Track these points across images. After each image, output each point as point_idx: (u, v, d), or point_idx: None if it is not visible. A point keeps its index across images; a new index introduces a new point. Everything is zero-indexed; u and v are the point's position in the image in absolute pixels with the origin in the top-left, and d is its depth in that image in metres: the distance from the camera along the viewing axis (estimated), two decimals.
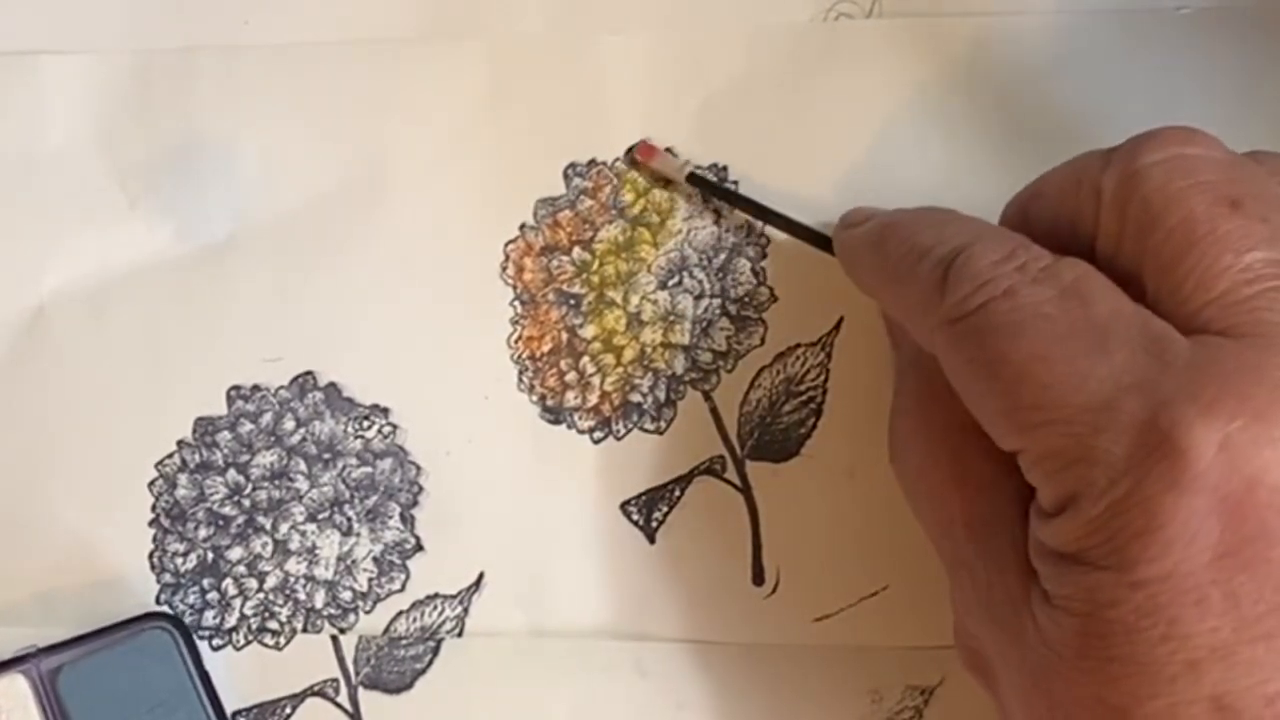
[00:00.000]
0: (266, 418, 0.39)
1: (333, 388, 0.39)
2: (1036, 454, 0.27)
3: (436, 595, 0.38)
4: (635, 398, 0.38)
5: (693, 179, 0.38)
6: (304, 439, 0.38)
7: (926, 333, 0.30)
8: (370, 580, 0.38)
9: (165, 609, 0.38)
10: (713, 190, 0.38)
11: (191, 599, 0.38)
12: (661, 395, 0.38)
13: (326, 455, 0.38)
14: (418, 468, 0.38)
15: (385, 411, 0.38)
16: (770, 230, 0.38)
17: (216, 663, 0.37)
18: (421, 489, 0.38)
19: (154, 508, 0.38)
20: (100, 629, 0.36)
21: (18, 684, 0.35)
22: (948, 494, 0.30)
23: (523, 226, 0.39)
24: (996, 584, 0.29)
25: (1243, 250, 0.26)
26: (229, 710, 0.37)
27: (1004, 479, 0.29)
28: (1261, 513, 0.24)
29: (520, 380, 0.38)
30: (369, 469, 0.38)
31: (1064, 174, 0.31)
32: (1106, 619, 0.25)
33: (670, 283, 0.38)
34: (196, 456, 0.39)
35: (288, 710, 0.38)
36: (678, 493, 0.38)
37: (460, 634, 0.38)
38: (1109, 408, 0.25)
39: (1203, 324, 0.26)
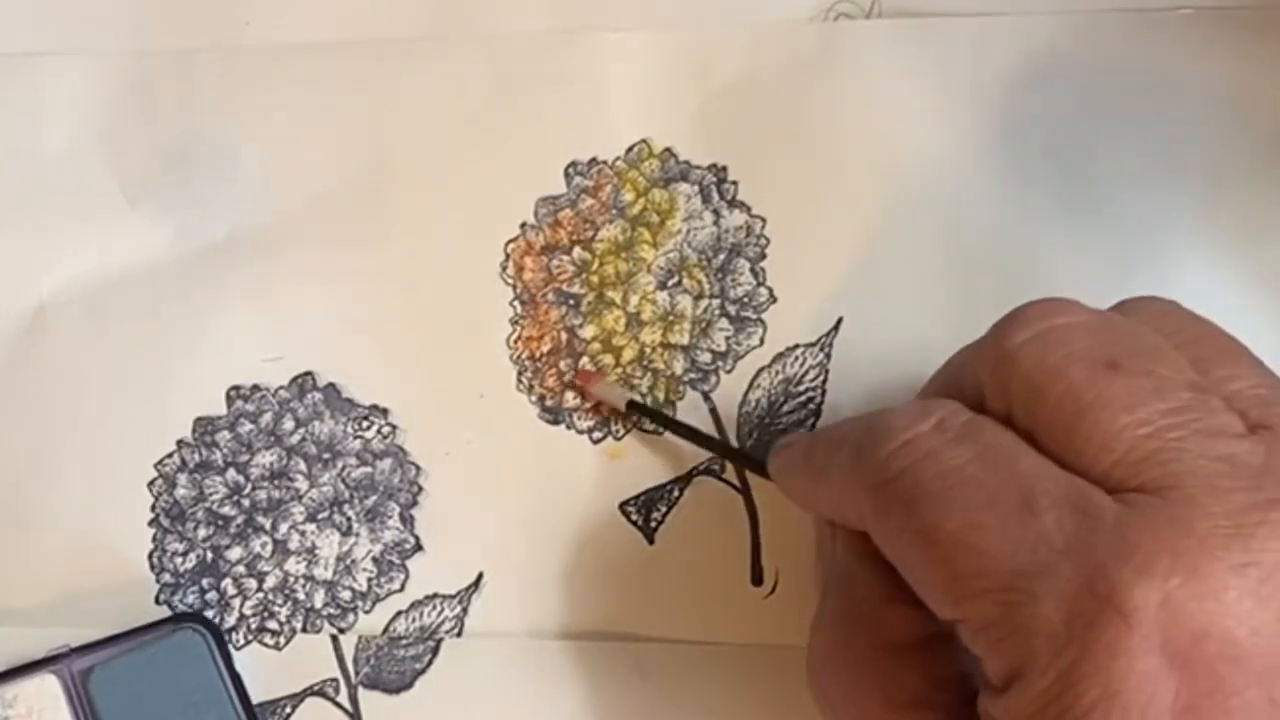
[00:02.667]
0: (266, 418, 0.39)
1: (332, 388, 0.39)
2: (976, 624, 0.26)
3: (436, 595, 0.38)
4: (634, 398, 0.38)
5: (632, 406, 0.37)
6: (304, 439, 0.38)
7: (856, 513, 0.29)
8: (370, 580, 0.38)
9: (196, 610, 0.38)
10: (652, 417, 0.37)
11: (191, 599, 0.38)
12: (661, 396, 0.38)
13: (326, 455, 0.38)
14: (417, 468, 0.38)
15: (385, 411, 0.38)
16: (770, 231, 0.38)
17: None
18: (421, 489, 0.38)
19: (154, 508, 0.38)
20: (132, 629, 0.36)
21: (49, 684, 0.35)
22: (877, 716, 0.30)
23: (523, 225, 0.39)
24: None
25: (1134, 407, 0.26)
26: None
27: (935, 695, 0.29)
28: (1214, 665, 0.24)
29: (520, 380, 0.38)
30: (368, 469, 0.38)
31: (944, 377, 0.31)
32: None
33: (670, 283, 0.38)
34: (196, 456, 0.39)
35: (287, 710, 0.38)
36: (677, 493, 0.38)
37: (460, 634, 0.38)
38: (1043, 574, 0.25)
39: (1116, 484, 0.26)
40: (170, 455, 0.39)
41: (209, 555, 0.38)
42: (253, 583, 0.38)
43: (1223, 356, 0.28)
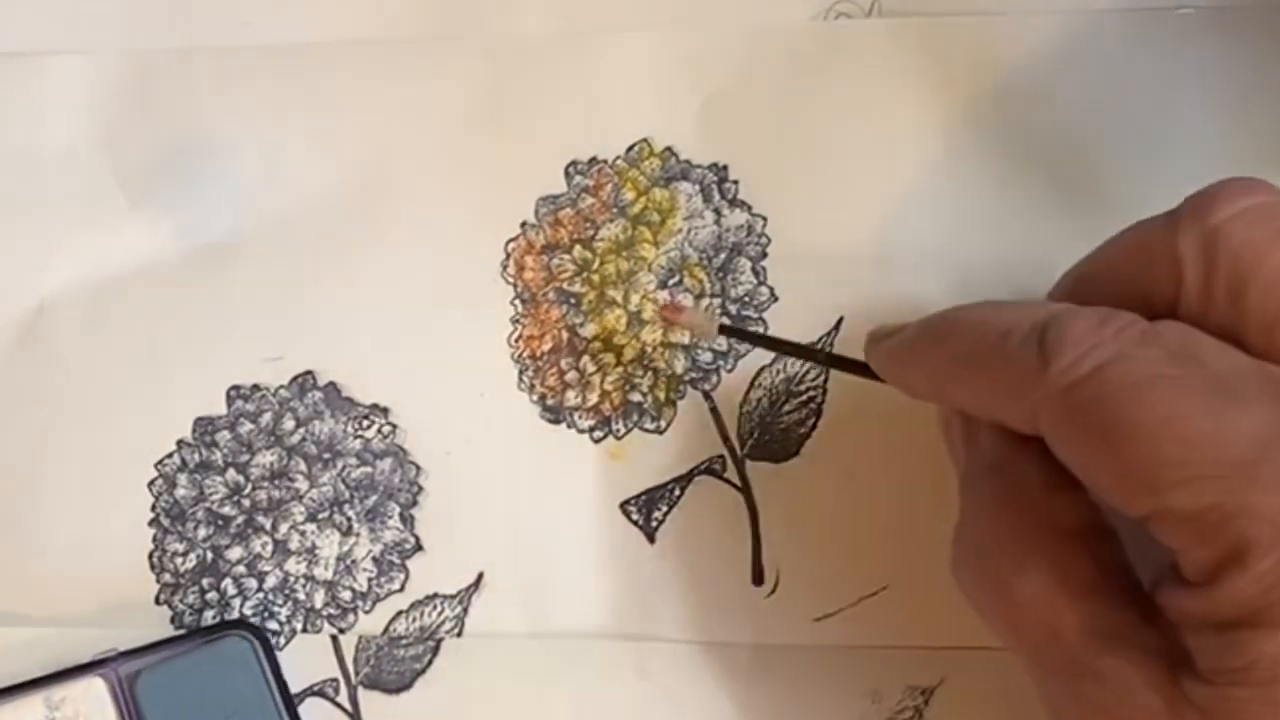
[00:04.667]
0: (266, 417, 0.39)
1: (332, 387, 0.39)
2: (1184, 513, 0.25)
3: (436, 595, 0.38)
4: (635, 397, 0.38)
5: (724, 330, 0.37)
6: (304, 439, 0.38)
7: (1023, 413, 0.28)
8: (370, 580, 0.38)
9: (245, 617, 0.38)
10: (747, 338, 0.37)
11: (191, 599, 0.38)
12: (661, 395, 0.38)
13: (326, 455, 0.38)
14: (417, 467, 0.38)
15: (385, 411, 0.38)
16: (770, 230, 0.38)
17: None
18: (421, 489, 0.38)
19: (154, 507, 0.38)
20: (179, 634, 0.37)
21: (96, 687, 0.35)
22: (1053, 601, 0.29)
23: (524, 224, 0.39)
24: (1137, 682, 0.27)
25: None
26: None
27: (1110, 578, 0.28)
28: None
29: (520, 379, 0.38)
30: (369, 469, 0.38)
31: (1120, 248, 0.30)
32: None
33: (670, 282, 0.38)
34: (196, 456, 0.39)
35: None
36: (678, 492, 0.38)
37: (460, 634, 0.38)
38: (1260, 458, 0.24)
39: None
40: (170, 455, 0.39)
41: (209, 555, 0.38)
42: (253, 583, 0.38)
43: None
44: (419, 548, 0.38)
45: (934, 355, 0.31)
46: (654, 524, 0.38)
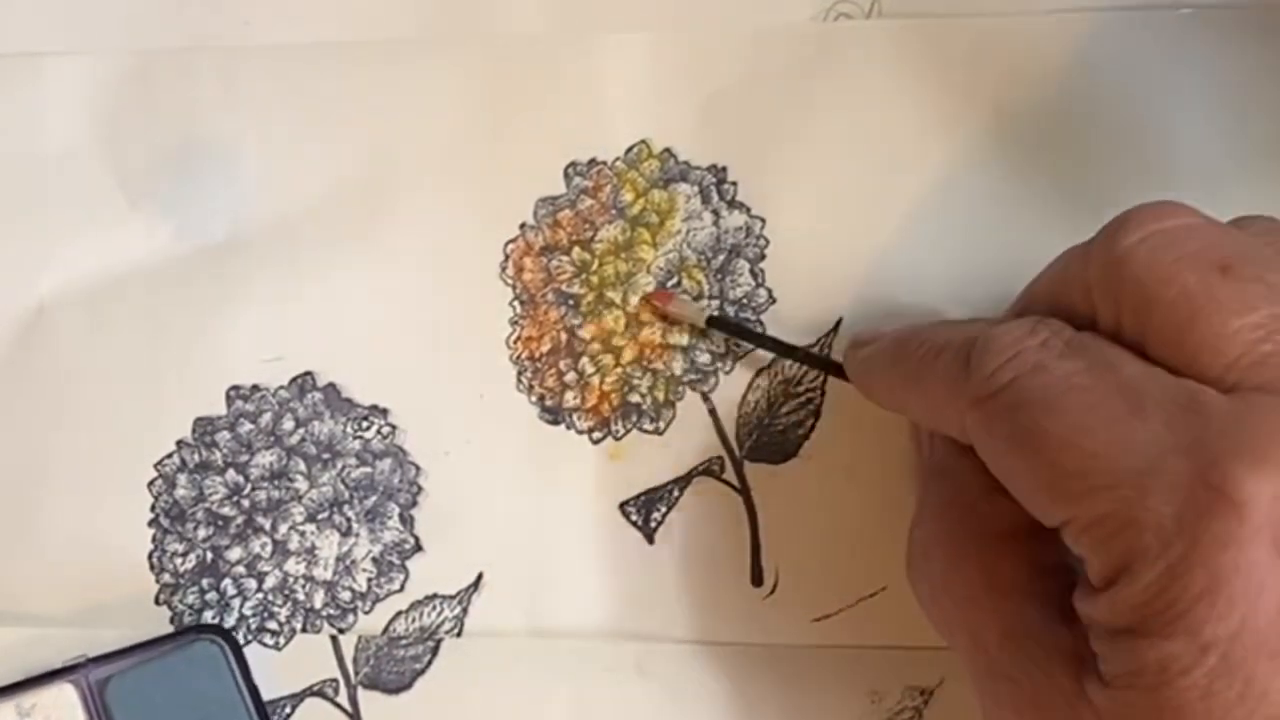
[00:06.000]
0: (266, 418, 0.39)
1: (332, 388, 0.39)
2: (1084, 522, 0.26)
3: (435, 595, 0.38)
4: (634, 398, 0.38)
5: (712, 322, 0.37)
6: (303, 439, 0.38)
7: (957, 422, 0.29)
8: (369, 580, 0.38)
9: (215, 622, 0.38)
10: (734, 331, 0.38)
11: (191, 599, 0.38)
12: (660, 396, 0.38)
13: (326, 455, 0.38)
14: (417, 468, 0.38)
15: (384, 412, 0.39)
16: (769, 232, 0.38)
17: None
18: (421, 489, 0.38)
19: (153, 508, 0.38)
20: (149, 640, 0.37)
21: (66, 693, 0.35)
22: (979, 603, 0.30)
23: (523, 226, 0.39)
24: (1044, 687, 0.28)
25: (1246, 311, 0.26)
26: None
27: (1036, 582, 0.29)
28: None
29: (519, 380, 0.38)
30: (368, 469, 0.38)
31: (1047, 279, 0.31)
32: (1179, 688, 0.25)
33: (669, 283, 0.38)
34: (196, 456, 0.39)
35: (287, 710, 0.38)
36: (676, 493, 0.38)
37: (459, 634, 0.38)
38: (1155, 470, 0.25)
39: (1229, 387, 0.26)
40: (170, 455, 0.39)
41: (209, 555, 0.38)
42: (252, 583, 0.38)
43: None
44: (419, 548, 0.38)
45: (890, 369, 0.33)
46: (653, 525, 0.38)
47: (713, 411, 0.38)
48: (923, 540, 0.32)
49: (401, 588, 0.38)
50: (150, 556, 0.38)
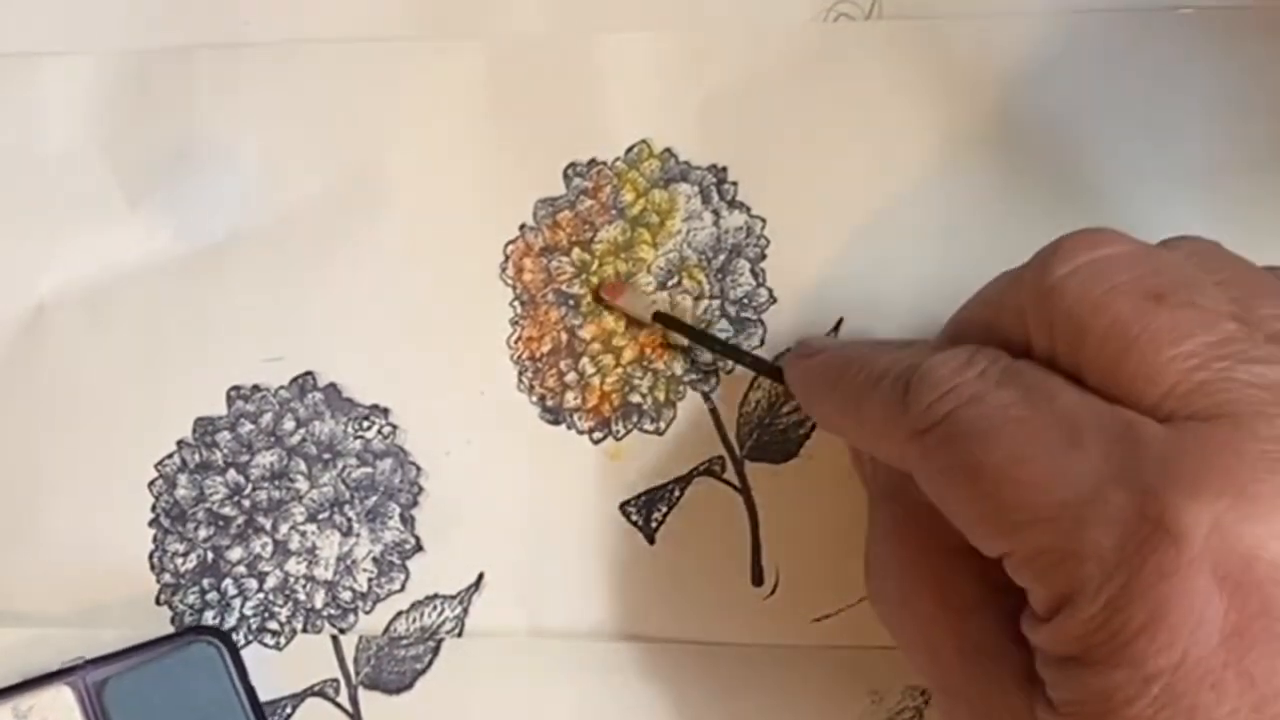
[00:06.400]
0: (266, 418, 0.39)
1: (333, 388, 0.39)
2: (1023, 555, 0.26)
3: (436, 595, 0.38)
4: (635, 398, 0.38)
5: (658, 317, 0.37)
6: (304, 439, 0.38)
7: (896, 451, 0.29)
8: (370, 580, 0.38)
9: (213, 624, 0.38)
10: (678, 328, 0.38)
11: (191, 599, 0.38)
12: (661, 396, 0.38)
13: (326, 455, 0.38)
14: (417, 468, 0.38)
15: (385, 412, 0.39)
16: (770, 232, 0.38)
17: None
18: (421, 489, 0.38)
19: (154, 508, 0.38)
20: (146, 642, 0.37)
21: (64, 695, 0.36)
22: (934, 620, 0.30)
23: (522, 227, 0.39)
24: (997, 706, 0.28)
25: (1179, 340, 0.26)
26: None
27: (991, 599, 0.29)
28: (1264, 588, 0.24)
29: (520, 381, 0.38)
30: (369, 469, 0.38)
31: (982, 302, 0.31)
32: (1125, 718, 0.25)
33: (669, 283, 0.38)
34: (196, 456, 0.39)
35: (288, 710, 0.38)
36: (677, 493, 0.38)
37: (460, 634, 0.38)
38: (1093, 500, 0.25)
39: (1164, 416, 0.26)
40: (170, 455, 0.39)
41: (209, 556, 0.38)
42: (253, 583, 0.38)
43: (1263, 294, 0.28)
44: (419, 548, 0.38)
45: (831, 396, 0.32)
46: (653, 525, 0.38)
47: (713, 411, 0.38)
48: (877, 560, 0.32)
49: (402, 588, 0.38)
50: (151, 556, 0.38)
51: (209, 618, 0.38)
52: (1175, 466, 0.25)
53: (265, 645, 0.38)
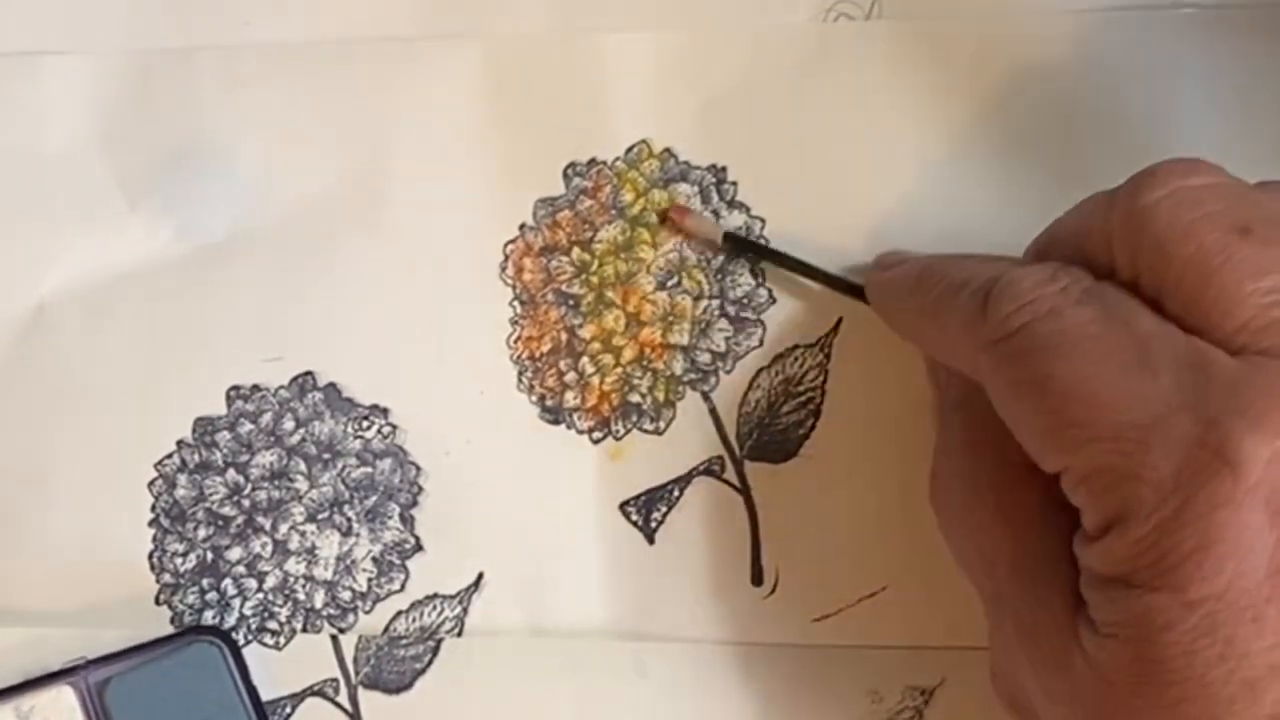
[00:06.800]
0: (266, 418, 0.39)
1: (332, 388, 0.39)
2: (1082, 472, 0.26)
3: (436, 595, 0.38)
4: (634, 398, 0.38)
5: (729, 238, 0.38)
6: (304, 439, 0.39)
7: (970, 361, 0.30)
8: (370, 580, 0.38)
9: (214, 623, 0.38)
10: (752, 249, 0.38)
11: (191, 599, 0.38)
12: (660, 396, 0.38)
13: (326, 455, 0.38)
14: (417, 468, 0.38)
15: (385, 412, 0.39)
16: (769, 231, 0.38)
17: None
18: (421, 489, 0.38)
19: (154, 508, 0.38)
20: (148, 642, 0.37)
21: (65, 695, 0.36)
22: (992, 531, 0.30)
23: (522, 226, 0.39)
24: (1042, 620, 0.28)
25: (1260, 274, 0.26)
26: None
27: (1050, 514, 0.29)
28: None
29: (520, 380, 0.38)
30: (368, 469, 0.38)
31: (1072, 222, 0.31)
32: (1162, 642, 0.25)
33: (669, 283, 0.38)
34: (196, 456, 0.39)
35: (288, 710, 0.38)
36: (677, 493, 0.38)
37: (460, 634, 0.38)
38: (1157, 425, 0.25)
39: (1238, 349, 0.26)
40: (170, 455, 0.39)
41: (209, 555, 0.38)
42: (253, 583, 0.38)
43: None
44: (419, 548, 0.38)
45: (909, 299, 0.33)
46: (653, 524, 0.38)
47: (713, 411, 0.38)
48: (944, 471, 0.32)
49: (402, 587, 0.38)
50: (150, 556, 0.38)
51: (209, 618, 0.38)
52: (1240, 399, 0.25)
53: (265, 645, 0.38)
